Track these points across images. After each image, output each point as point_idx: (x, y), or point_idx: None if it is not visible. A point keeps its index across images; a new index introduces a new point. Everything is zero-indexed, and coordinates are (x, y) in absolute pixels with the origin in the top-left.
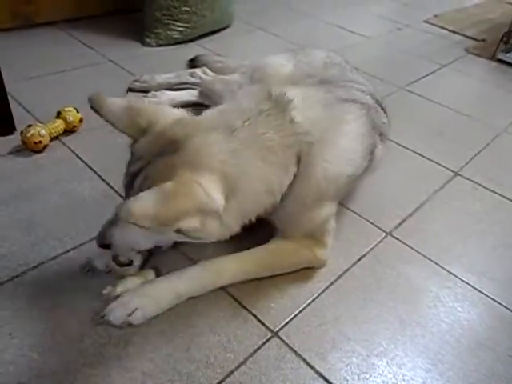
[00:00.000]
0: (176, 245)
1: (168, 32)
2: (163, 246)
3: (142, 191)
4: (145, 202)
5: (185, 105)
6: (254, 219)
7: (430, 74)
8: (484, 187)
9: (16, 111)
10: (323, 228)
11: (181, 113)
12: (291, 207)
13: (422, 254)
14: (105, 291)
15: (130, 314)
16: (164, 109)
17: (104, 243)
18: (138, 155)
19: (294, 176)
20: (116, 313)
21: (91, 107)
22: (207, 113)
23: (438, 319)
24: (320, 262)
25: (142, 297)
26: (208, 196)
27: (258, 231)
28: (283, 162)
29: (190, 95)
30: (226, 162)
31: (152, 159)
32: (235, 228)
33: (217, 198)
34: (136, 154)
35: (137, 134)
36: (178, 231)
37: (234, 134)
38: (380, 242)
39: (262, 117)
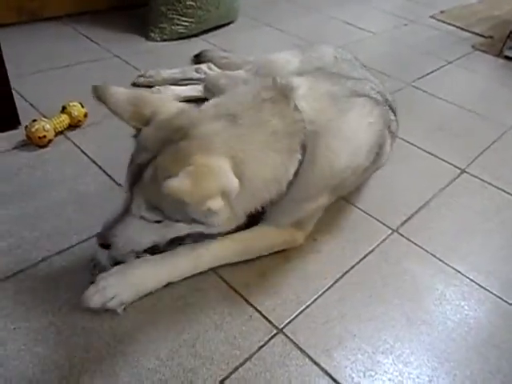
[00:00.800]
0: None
1: (173, 27)
2: (160, 246)
3: (152, 182)
4: (181, 181)
5: (189, 100)
6: (259, 208)
7: (436, 70)
8: (492, 185)
9: (21, 106)
10: (309, 217)
11: (183, 105)
12: (294, 196)
13: (428, 252)
14: None
15: (107, 301)
16: (167, 99)
17: (106, 243)
18: (144, 146)
19: (300, 164)
20: (94, 299)
21: (95, 97)
22: (209, 103)
23: (444, 317)
24: (296, 244)
25: (120, 283)
26: (227, 177)
27: None
28: (288, 148)
29: (194, 90)
30: (233, 148)
31: (160, 149)
32: (242, 217)
33: (234, 179)
34: (141, 145)
35: (140, 124)
36: (194, 220)
37: (239, 121)
38: (386, 239)
39: (266, 104)
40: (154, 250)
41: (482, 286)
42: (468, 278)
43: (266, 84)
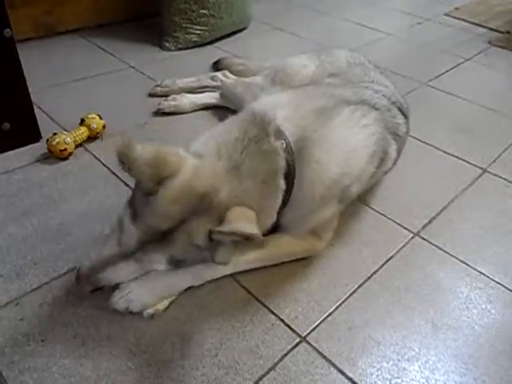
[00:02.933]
0: None
1: (186, 36)
2: None
3: (184, 244)
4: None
5: (205, 107)
6: None
7: (453, 68)
8: None
9: (41, 119)
10: (324, 226)
11: (196, 162)
12: (293, 213)
13: (451, 255)
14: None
15: (130, 306)
16: (183, 156)
17: (96, 287)
18: (164, 214)
19: (288, 190)
20: (119, 304)
21: (120, 161)
22: (211, 148)
23: (471, 322)
24: (315, 252)
25: (142, 288)
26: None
27: None
28: (275, 189)
29: (210, 98)
30: (245, 202)
31: (188, 217)
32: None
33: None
34: (160, 212)
35: (155, 185)
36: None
37: (240, 175)
38: (407, 243)
39: (251, 145)
40: None
41: (508, 289)
42: (493, 280)
43: (248, 119)
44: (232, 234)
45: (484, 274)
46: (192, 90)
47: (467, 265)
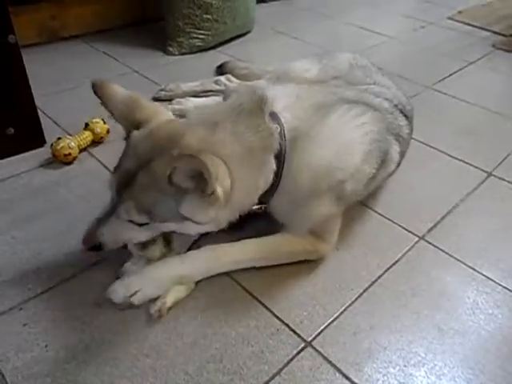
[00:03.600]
0: None
1: (190, 40)
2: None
3: (146, 186)
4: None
5: None
6: (237, 216)
7: (457, 71)
8: None
9: (45, 124)
10: (324, 226)
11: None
12: (283, 203)
13: (457, 259)
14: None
15: (131, 295)
16: (161, 109)
17: (93, 244)
18: (133, 152)
19: (278, 173)
20: (118, 293)
21: (94, 92)
22: (196, 111)
23: (478, 327)
24: (319, 255)
25: (144, 278)
26: (226, 172)
27: (260, 223)
28: (262, 163)
29: (214, 102)
30: (219, 153)
31: (152, 156)
32: (224, 222)
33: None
34: (131, 151)
35: (130, 126)
36: (184, 217)
37: (217, 130)
38: (412, 246)
39: (242, 115)
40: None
41: None
42: (500, 284)
43: (246, 95)
44: (187, 164)
45: (491, 279)
46: (196, 94)
47: (473, 269)
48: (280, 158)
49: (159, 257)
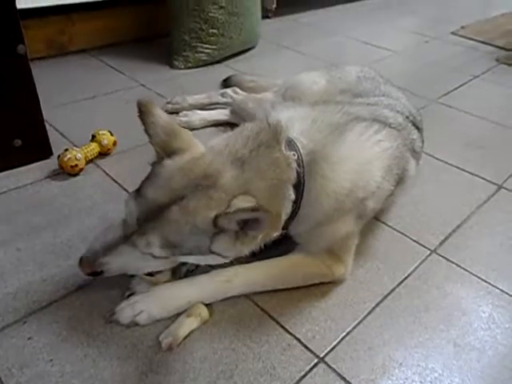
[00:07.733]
0: None
1: (196, 54)
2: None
3: (178, 222)
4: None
5: (216, 124)
6: (261, 246)
7: (462, 85)
8: None
9: (52, 136)
10: (342, 245)
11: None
12: (303, 226)
13: (471, 273)
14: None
15: (136, 315)
16: (194, 139)
17: (94, 271)
18: (166, 184)
19: (297, 202)
20: (124, 313)
21: (139, 110)
22: (221, 143)
23: (495, 342)
24: (336, 278)
25: (150, 300)
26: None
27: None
28: (282, 196)
29: (221, 114)
30: (250, 191)
31: (187, 192)
32: (247, 253)
33: None
34: (162, 183)
35: (163, 153)
36: (212, 252)
37: (245, 168)
38: (424, 260)
39: (262, 149)
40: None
41: None
42: None
43: (261, 125)
44: (239, 212)
45: (506, 292)
46: (202, 107)
47: (488, 283)
48: (298, 187)
49: (165, 282)
